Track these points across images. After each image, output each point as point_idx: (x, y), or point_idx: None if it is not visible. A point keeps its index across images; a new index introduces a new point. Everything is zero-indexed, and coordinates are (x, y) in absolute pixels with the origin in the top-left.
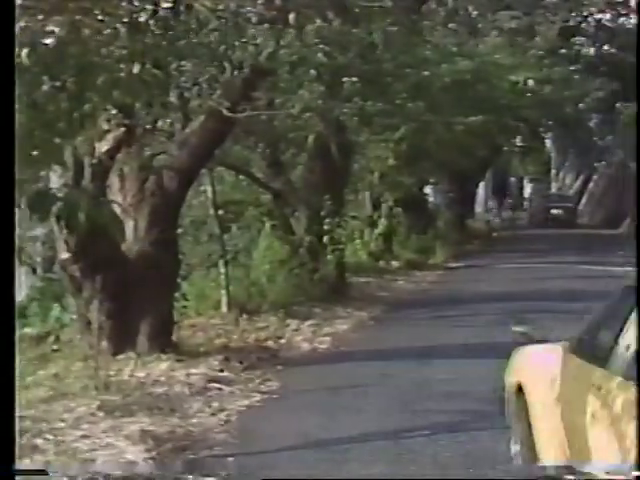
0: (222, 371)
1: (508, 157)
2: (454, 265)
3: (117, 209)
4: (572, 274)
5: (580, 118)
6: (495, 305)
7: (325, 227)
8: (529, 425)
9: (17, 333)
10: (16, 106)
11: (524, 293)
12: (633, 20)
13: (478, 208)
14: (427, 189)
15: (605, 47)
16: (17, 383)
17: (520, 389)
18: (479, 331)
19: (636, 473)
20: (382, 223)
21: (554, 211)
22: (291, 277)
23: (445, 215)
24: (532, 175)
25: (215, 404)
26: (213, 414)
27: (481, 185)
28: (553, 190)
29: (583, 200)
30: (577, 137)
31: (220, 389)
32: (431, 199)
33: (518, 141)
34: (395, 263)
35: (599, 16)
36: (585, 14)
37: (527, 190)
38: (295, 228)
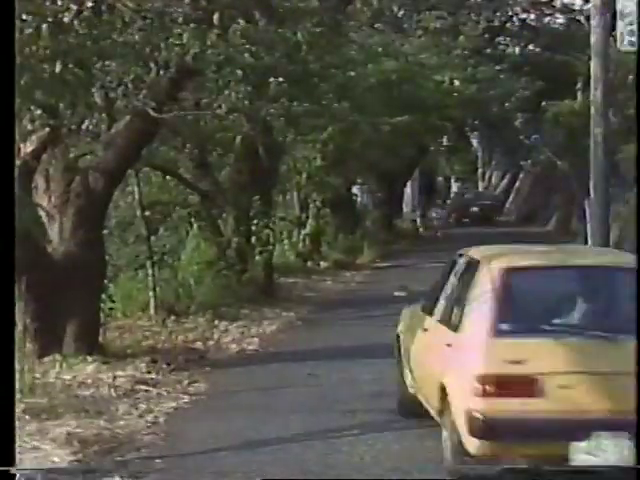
0: (149, 373)
1: (435, 157)
2: (381, 265)
3: (42, 211)
4: None
5: (505, 117)
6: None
7: (253, 228)
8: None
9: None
10: None
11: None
12: (560, 20)
13: (406, 208)
14: (355, 189)
15: (530, 47)
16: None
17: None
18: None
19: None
20: (310, 224)
21: (474, 209)
22: (219, 278)
23: (373, 215)
24: (459, 174)
25: (142, 406)
26: (140, 416)
27: (409, 185)
28: (480, 189)
29: (510, 198)
30: (503, 136)
31: (147, 391)
32: (359, 199)
33: (444, 141)
34: (323, 263)
35: (524, 16)
36: (510, 14)
37: (454, 189)
38: (223, 229)
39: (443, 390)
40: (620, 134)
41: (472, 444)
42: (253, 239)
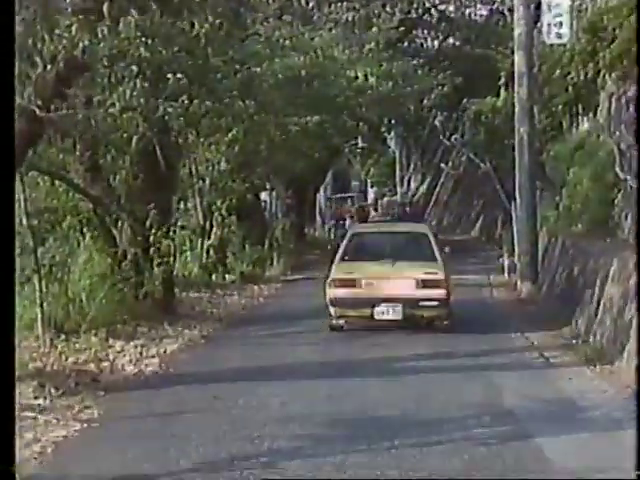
0: (36, 398)
1: (348, 160)
2: (292, 278)
3: None
4: None
5: (423, 116)
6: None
7: (151, 238)
8: None
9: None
10: None
11: None
12: (481, 12)
13: (319, 215)
14: (263, 195)
15: (449, 40)
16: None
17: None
18: (319, 348)
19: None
20: (214, 233)
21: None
22: (114, 293)
23: (283, 223)
24: (376, 179)
25: (28, 435)
26: (27, 445)
27: (322, 190)
28: (399, 194)
29: (430, 204)
30: (421, 137)
31: (34, 418)
32: (268, 206)
33: (359, 142)
34: (229, 276)
35: (442, 7)
36: (427, 5)
37: (371, 195)
38: (118, 239)
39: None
40: (546, 133)
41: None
42: (152, 250)
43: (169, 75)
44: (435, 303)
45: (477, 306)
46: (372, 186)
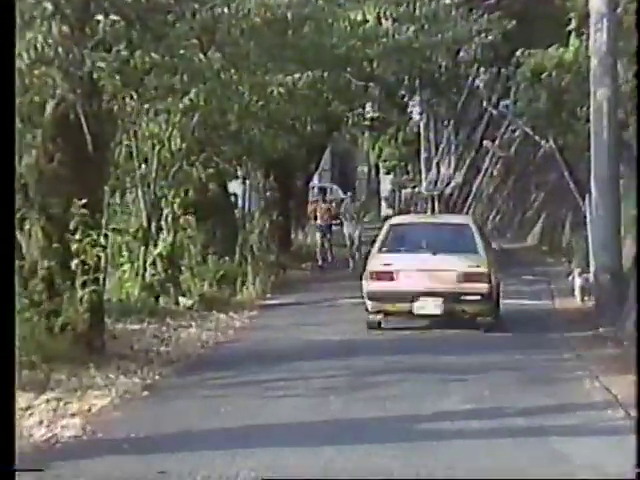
0: None
1: (353, 136)
2: (274, 302)
3: None
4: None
5: (459, 75)
6: (332, 363)
7: (74, 246)
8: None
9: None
10: None
11: (373, 342)
12: None
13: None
14: (234, 186)
15: None
16: None
17: None
18: (309, 403)
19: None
20: (164, 239)
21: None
22: (19, 324)
23: (260, 225)
24: (391, 162)
25: None
26: None
27: (315, 179)
28: (423, 184)
29: (468, 199)
30: (456, 104)
31: None
32: (240, 202)
33: (368, 111)
34: (184, 300)
35: None
36: None
37: (386, 185)
38: (25, 247)
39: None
40: (634, 97)
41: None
42: (74, 263)
43: (99, 15)
44: (478, 298)
45: (536, 341)
46: (387, 172)
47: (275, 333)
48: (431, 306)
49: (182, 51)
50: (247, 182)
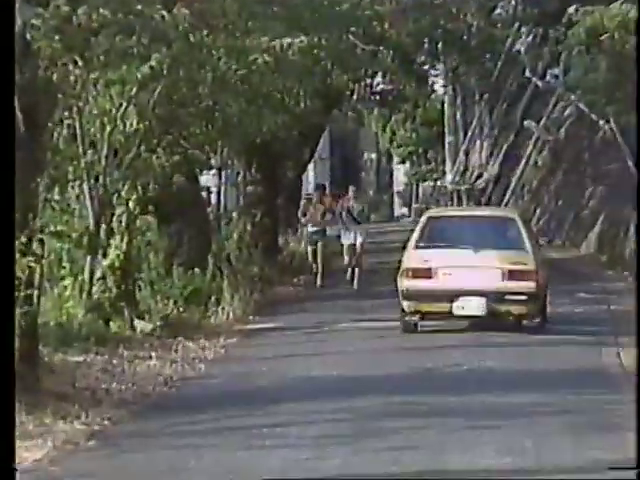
0: None
1: (357, 113)
2: (258, 326)
3: None
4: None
5: (494, 37)
6: (332, 404)
7: None
8: None
9: None
10: None
11: (384, 378)
12: None
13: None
14: (206, 179)
15: None
16: None
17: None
18: (304, 456)
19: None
20: (116, 246)
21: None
22: None
23: (240, 229)
24: (407, 148)
25: None
26: None
27: (310, 170)
28: (448, 176)
29: (506, 195)
30: (490, 73)
31: None
32: (214, 198)
33: (378, 82)
34: (142, 324)
35: None
36: None
37: (400, 177)
38: None
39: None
40: None
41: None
42: None
43: None
44: (523, 297)
45: (594, 378)
46: (402, 161)
47: (259, 366)
48: (472, 306)
49: (139, 6)
50: (223, 174)
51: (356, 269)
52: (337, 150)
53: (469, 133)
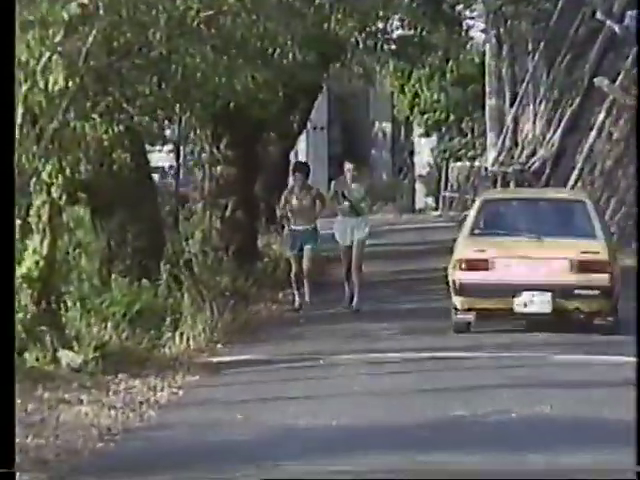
0: None
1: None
2: (229, 358)
3: None
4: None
5: None
6: (330, 468)
7: None
8: None
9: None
10: None
11: (398, 434)
12: None
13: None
14: (159, 157)
15: None
16: None
17: None
18: None
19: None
20: (34, 248)
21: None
22: None
23: (207, 224)
24: (433, 116)
25: None
26: None
27: (301, 143)
28: (490, 154)
29: (572, 176)
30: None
31: None
32: (172, 182)
33: (394, 26)
34: (70, 356)
35: None
36: None
37: (424, 155)
38: None
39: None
40: None
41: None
42: None
43: None
44: (595, 292)
45: None
46: (426, 133)
47: (230, 414)
48: (537, 303)
49: None
50: (182, 150)
51: (355, 280)
52: (338, 118)
53: (519, 95)
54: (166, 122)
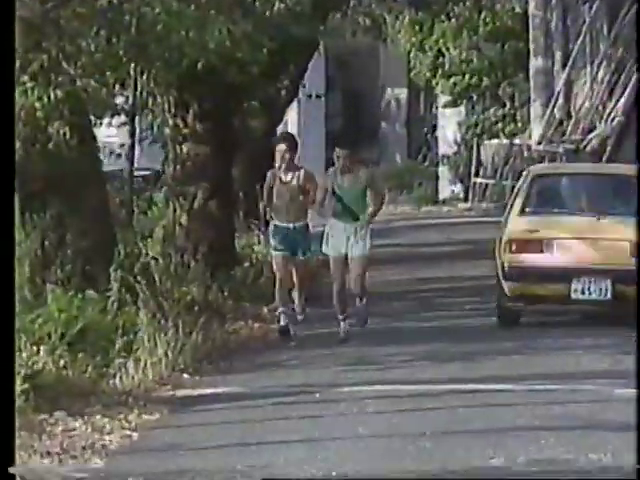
0: None
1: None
2: (199, 392)
3: None
4: None
5: None
6: None
7: None
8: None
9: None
10: None
11: None
12: None
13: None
14: (110, 131)
15: None
16: None
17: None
18: None
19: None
20: None
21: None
22: None
23: (170, 218)
24: (460, 82)
25: None
26: None
27: (291, 114)
28: (535, 130)
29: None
30: None
31: None
32: (123, 164)
33: None
34: None
35: None
36: None
37: (450, 131)
38: None
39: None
40: None
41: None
42: None
43: None
44: None
45: None
46: (453, 103)
47: (198, 463)
48: (595, 289)
49: None
50: (138, 122)
51: (357, 299)
52: (338, 84)
53: (572, 54)
54: (117, 87)
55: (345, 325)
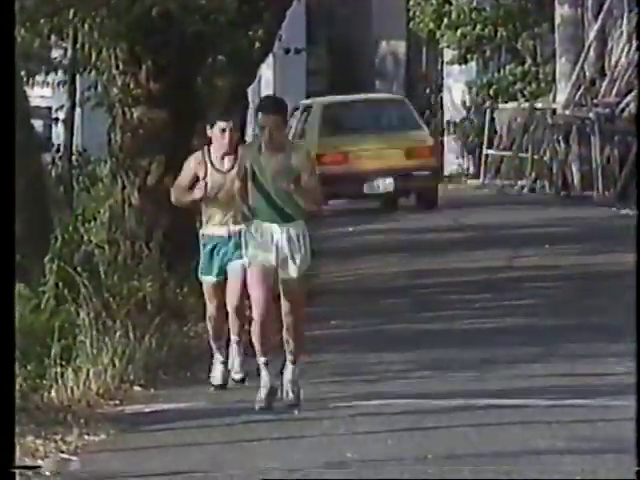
0: None
1: None
2: (153, 408)
3: None
4: None
5: None
6: None
7: None
8: None
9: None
10: None
11: None
12: None
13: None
14: (44, 91)
15: None
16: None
17: None
18: None
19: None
20: None
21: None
22: None
23: (119, 197)
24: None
25: None
26: None
27: (266, 73)
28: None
29: None
30: None
31: None
32: (60, 134)
33: None
34: None
35: None
36: None
37: (458, 92)
38: None
39: None
40: None
41: None
42: None
43: None
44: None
45: None
46: (462, 59)
47: None
48: (382, 183)
49: None
50: (79, 81)
51: (290, 340)
52: (323, 35)
53: (606, 1)
54: (53, 37)
55: (269, 377)
